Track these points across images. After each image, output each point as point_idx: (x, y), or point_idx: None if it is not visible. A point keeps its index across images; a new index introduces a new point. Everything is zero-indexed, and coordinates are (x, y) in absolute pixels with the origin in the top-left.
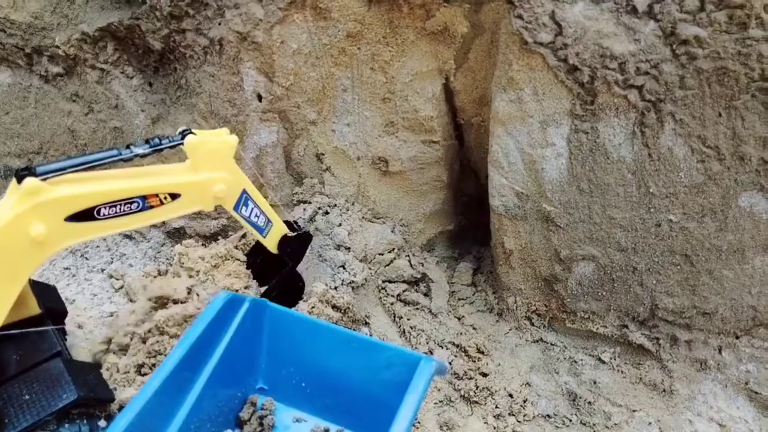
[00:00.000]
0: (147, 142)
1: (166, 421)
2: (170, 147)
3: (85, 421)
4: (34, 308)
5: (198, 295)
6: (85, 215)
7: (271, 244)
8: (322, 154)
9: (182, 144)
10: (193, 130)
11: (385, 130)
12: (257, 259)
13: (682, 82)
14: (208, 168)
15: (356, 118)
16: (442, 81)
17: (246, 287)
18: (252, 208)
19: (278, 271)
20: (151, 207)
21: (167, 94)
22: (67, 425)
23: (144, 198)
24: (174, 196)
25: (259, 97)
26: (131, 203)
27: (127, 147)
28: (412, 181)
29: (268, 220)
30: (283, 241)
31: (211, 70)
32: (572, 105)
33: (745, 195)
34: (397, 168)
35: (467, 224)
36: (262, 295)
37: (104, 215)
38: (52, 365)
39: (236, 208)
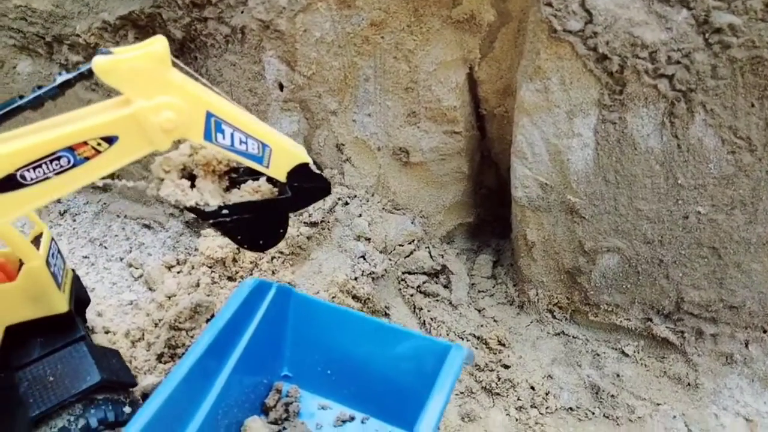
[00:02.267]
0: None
1: (194, 405)
2: (83, 77)
3: (110, 407)
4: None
5: None
6: (8, 184)
7: (277, 172)
8: (343, 145)
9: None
10: (111, 49)
11: (407, 120)
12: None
13: (714, 72)
14: (141, 93)
15: (378, 108)
16: (466, 71)
17: None
18: (231, 133)
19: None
20: (87, 159)
21: None
22: (92, 410)
23: (71, 150)
24: (110, 140)
25: (281, 87)
26: (58, 159)
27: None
28: (433, 172)
29: (263, 145)
30: (299, 171)
31: (232, 59)
32: (600, 95)
33: None
34: (418, 159)
35: (486, 217)
36: (220, 210)
37: (32, 180)
38: (76, 349)
39: (208, 137)
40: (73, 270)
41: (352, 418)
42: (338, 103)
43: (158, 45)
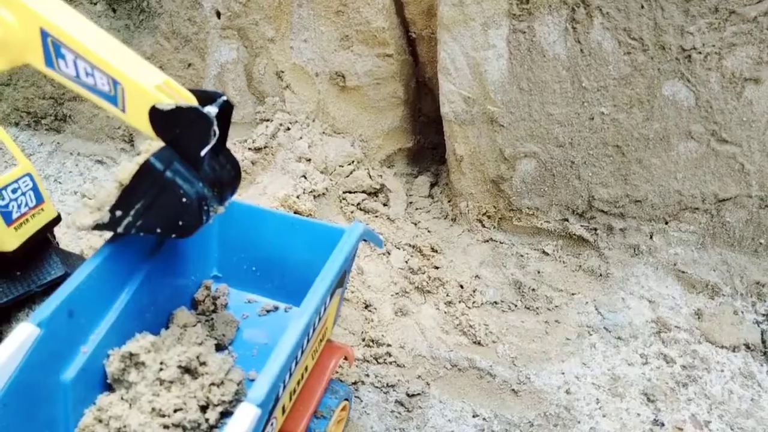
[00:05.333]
0: None
1: (117, 287)
2: None
3: None
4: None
5: None
6: None
7: (136, 119)
8: (282, 72)
9: None
10: None
11: (341, 44)
12: None
13: None
14: None
15: (312, 34)
16: None
17: None
18: (74, 61)
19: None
20: None
21: (131, 19)
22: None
23: None
24: None
25: (218, 14)
26: None
27: None
28: (370, 97)
29: (114, 81)
30: (154, 116)
31: None
32: (509, 5)
33: (667, 84)
34: (354, 83)
35: (427, 144)
36: (114, 214)
37: None
38: (43, 249)
39: (48, 63)
40: (58, 214)
41: (276, 308)
42: (275, 30)
43: None
